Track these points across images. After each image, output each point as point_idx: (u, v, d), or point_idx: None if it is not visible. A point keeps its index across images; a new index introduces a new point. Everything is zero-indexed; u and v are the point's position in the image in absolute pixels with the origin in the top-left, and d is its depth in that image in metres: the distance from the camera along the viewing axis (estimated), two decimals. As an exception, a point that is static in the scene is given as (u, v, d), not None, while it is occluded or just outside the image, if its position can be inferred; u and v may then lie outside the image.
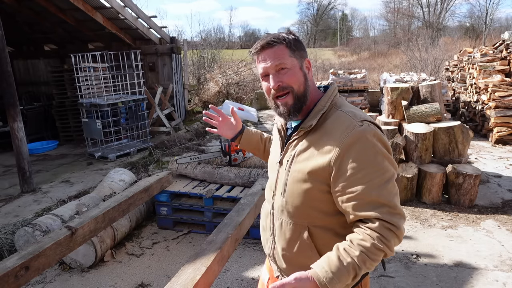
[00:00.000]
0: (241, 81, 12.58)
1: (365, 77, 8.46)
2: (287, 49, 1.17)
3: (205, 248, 1.95)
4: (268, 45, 1.17)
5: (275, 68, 1.17)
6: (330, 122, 1.16)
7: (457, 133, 4.10)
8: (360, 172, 1.07)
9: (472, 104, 7.40)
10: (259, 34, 49.63)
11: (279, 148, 1.31)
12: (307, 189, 1.16)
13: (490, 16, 28.73)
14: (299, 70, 1.19)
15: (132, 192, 2.92)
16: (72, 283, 2.93)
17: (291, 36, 1.20)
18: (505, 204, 4.07)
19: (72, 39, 9.00)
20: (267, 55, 1.17)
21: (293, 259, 1.24)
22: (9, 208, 4.44)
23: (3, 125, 6.99)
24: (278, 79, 1.17)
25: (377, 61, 19.43)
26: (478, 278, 2.83)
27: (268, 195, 1.35)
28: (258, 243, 3.38)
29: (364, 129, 1.10)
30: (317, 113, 1.18)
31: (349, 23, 51.55)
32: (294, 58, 1.18)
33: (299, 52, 1.20)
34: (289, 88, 1.17)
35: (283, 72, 1.17)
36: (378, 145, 1.10)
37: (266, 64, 1.18)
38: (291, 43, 1.18)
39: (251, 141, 1.63)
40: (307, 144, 1.18)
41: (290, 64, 1.17)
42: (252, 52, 1.22)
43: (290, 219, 1.22)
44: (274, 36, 1.18)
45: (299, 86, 1.18)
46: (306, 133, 1.19)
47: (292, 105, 1.19)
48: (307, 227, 1.19)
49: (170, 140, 6.67)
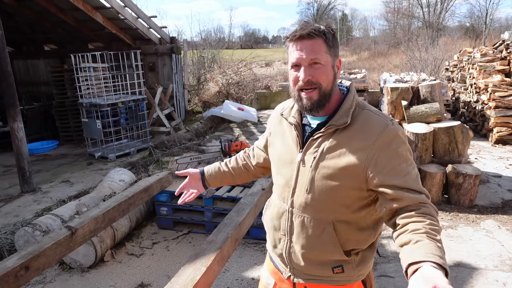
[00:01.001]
0: (241, 81, 12.57)
1: (365, 77, 8.46)
2: (325, 45, 1.15)
3: (205, 248, 1.95)
4: (308, 36, 1.14)
5: (309, 62, 1.16)
6: (360, 121, 1.19)
7: (457, 133, 4.10)
8: (400, 166, 1.14)
9: (472, 104, 7.40)
10: (259, 34, 49.62)
11: (294, 145, 1.28)
12: (337, 185, 1.18)
13: (490, 16, 28.76)
14: (330, 68, 1.18)
15: (132, 192, 2.92)
16: (72, 283, 2.93)
17: (331, 31, 1.18)
18: (505, 204, 4.07)
19: (72, 39, 8.99)
20: (304, 46, 1.15)
21: (314, 256, 1.25)
22: (9, 208, 4.44)
23: (3, 125, 6.99)
24: (310, 72, 1.16)
25: (377, 61, 19.42)
26: (478, 278, 2.83)
27: (283, 194, 1.31)
28: (258, 243, 3.38)
29: (396, 127, 1.17)
30: (347, 111, 1.19)
31: (349, 23, 51.56)
32: (329, 55, 1.17)
33: (334, 49, 1.19)
34: (318, 84, 1.17)
35: (316, 67, 1.16)
36: (407, 142, 1.20)
37: (301, 55, 1.16)
38: (330, 39, 1.16)
39: (217, 176, 1.66)
40: (337, 141, 1.19)
41: (324, 60, 1.16)
42: (288, 38, 1.19)
43: (314, 215, 1.23)
44: (315, 28, 1.14)
45: (327, 84, 1.18)
46: (335, 130, 1.20)
47: (317, 101, 1.19)
48: (332, 222, 1.21)
49: (170, 140, 6.67)
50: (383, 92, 6.57)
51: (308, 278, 1.30)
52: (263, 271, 1.54)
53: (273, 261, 1.42)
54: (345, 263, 1.23)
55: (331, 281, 1.27)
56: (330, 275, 1.26)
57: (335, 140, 1.19)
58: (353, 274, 1.25)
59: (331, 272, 1.25)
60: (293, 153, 1.28)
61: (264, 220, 1.48)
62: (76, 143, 7.65)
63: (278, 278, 1.40)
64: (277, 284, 1.41)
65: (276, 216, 1.35)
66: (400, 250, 1.06)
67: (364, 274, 1.29)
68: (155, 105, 8.10)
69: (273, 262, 1.43)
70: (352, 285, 1.28)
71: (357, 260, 1.24)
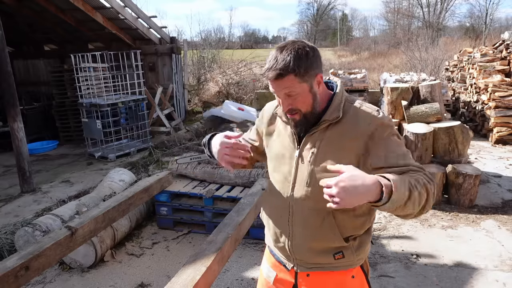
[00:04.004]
0: (241, 81, 12.56)
1: (365, 77, 8.46)
2: (296, 78, 1.20)
3: (205, 248, 1.95)
4: (278, 76, 1.20)
5: (284, 96, 1.24)
6: (351, 114, 1.27)
7: (457, 133, 4.10)
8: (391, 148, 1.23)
9: (472, 104, 7.40)
10: (259, 34, 49.62)
11: (290, 142, 1.35)
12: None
13: (490, 16, 28.79)
14: (308, 93, 1.25)
15: (132, 192, 2.91)
16: (72, 283, 2.93)
17: (302, 56, 1.19)
18: (505, 204, 4.07)
19: (72, 39, 8.99)
20: (276, 85, 1.23)
21: (316, 245, 1.32)
22: (9, 208, 4.44)
23: (3, 125, 6.99)
24: (288, 103, 1.26)
25: (377, 61, 19.41)
26: (478, 278, 2.83)
27: (283, 188, 1.37)
28: (258, 243, 3.38)
29: (383, 116, 1.27)
30: (338, 106, 1.28)
31: (349, 23, 51.60)
32: (303, 83, 1.22)
33: (310, 73, 1.22)
34: (297, 110, 1.27)
35: (293, 97, 1.24)
36: (394, 127, 1.29)
37: (276, 91, 1.26)
38: (301, 71, 1.19)
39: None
40: (332, 135, 1.27)
41: (300, 90, 1.23)
42: (264, 77, 1.28)
43: (314, 206, 1.29)
44: (282, 67, 1.18)
45: (307, 108, 1.27)
46: (328, 125, 1.28)
47: (299, 121, 1.29)
48: (331, 212, 1.28)
49: (170, 140, 6.67)
50: (383, 92, 6.56)
51: (310, 267, 1.37)
52: (262, 266, 1.58)
53: (274, 255, 1.48)
54: (344, 249, 1.32)
55: (333, 267, 1.35)
56: (331, 262, 1.33)
57: (330, 134, 1.28)
58: (352, 259, 1.33)
59: (333, 258, 1.32)
60: (291, 149, 1.35)
61: (263, 217, 1.53)
62: (76, 143, 7.64)
63: (279, 270, 1.46)
64: (278, 275, 1.46)
65: (276, 211, 1.42)
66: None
67: (363, 258, 1.37)
68: (155, 105, 8.10)
69: (273, 256, 1.49)
70: (352, 269, 1.36)
71: (355, 245, 1.33)
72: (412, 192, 1.08)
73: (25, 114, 7.07)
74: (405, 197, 1.06)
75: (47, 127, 7.86)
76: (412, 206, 1.09)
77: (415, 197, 1.09)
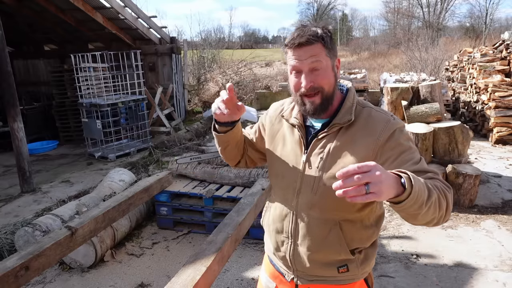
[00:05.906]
0: (241, 81, 12.56)
1: (365, 77, 8.46)
2: (324, 48, 1.14)
3: (205, 248, 1.95)
4: (307, 42, 1.12)
5: (310, 68, 1.14)
6: (362, 118, 1.20)
7: (457, 133, 4.10)
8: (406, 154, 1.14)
9: (472, 104, 7.40)
10: (259, 34, 49.58)
11: (298, 146, 1.26)
12: None
13: (490, 16, 28.78)
14: (331, 71, 1.17)
15: (132, 192, 2.92)
16: (72, 283, 2.93)
17: (328, 33, 1.16)
18: (505, 204, 4.07)
19: (72, 39, 8.99)
20: (304, 53, 1.13)
21: (319, 257, 1.24)
22: (9, 208, 4.44)
23: (3, 125, 6.98)
24: (311, 78, 1.15)
25: (377, 61, 19.41)
26: (478, 278, 2.83)
27: (288, 195, 1.28)
28: (258, 243, 3.38)
29: (397, 121, 1.19)
30: (350, 109, 1.20)
31: (349, 23, 51.55)
32: (328, 57, 1.16)
33: (333, 50, 1.17)
34: (320, 88, 1.16)
35: (316, 72, 1.15)
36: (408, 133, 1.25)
37: (301, 62, 1.14)
38: (328, 42, 1.14)
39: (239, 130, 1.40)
40: (342, 140, 1.19)
41: (325, 64, 1.15)
42: (287, 45, 1.17)
43: (321, 216, 1.22)
44: (313, 34, 1.12)
45: (329, 87, 1.17)
46: (339, 129, 1.20)
47: (319, 104, 1.18)
48: (338, 222, 1.21)
49: (170, 140, 6.67)
50: (383, 92, 6.56)
51: (312, 279, 1.29)
52: (261, 273, 1.52)
53: (273, 264, 1.40)
54: (349, 262, 1.24)
55: (336, 281, 1.27)
56: (335, 275, 1.26)
57: (340, 139, 1.19)
58: (357, 273, 1.26)
59: (336, 272, 1.25)
60: (297, 154, 1.26)
61: (264, 223, 1.45)
62: (76, 143, 7.64)
63: (279, 281, 1.38)
64: (278, 287, 1.39)
65: (278, 219, 1.32)
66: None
67: (367, 272, 1.30)
68: (155, 105, 8.10)
69: (273, 265, 1.40)
70: (355, 283, 1.29)
71: (360, 258, 1.25)
72: (431, 192, 0.99)
73: (25, 114, 7.07)
74: (425, 196, 0.96)
75: (47, 127, 7.86)
76: (433, 209, 1.00)
77: (435, 199, 1.00)
